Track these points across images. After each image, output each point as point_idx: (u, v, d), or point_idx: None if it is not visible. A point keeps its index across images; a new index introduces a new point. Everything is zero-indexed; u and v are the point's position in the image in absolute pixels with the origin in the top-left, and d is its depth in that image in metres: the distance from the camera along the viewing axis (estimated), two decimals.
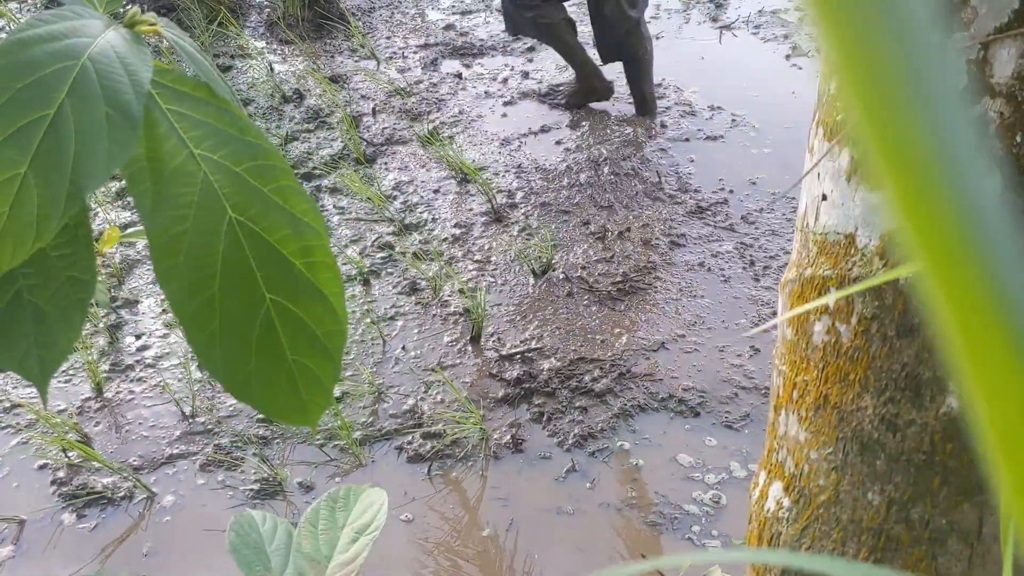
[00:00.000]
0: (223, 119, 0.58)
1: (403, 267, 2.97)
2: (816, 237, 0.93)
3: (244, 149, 0.57)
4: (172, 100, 0.57)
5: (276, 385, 0.60)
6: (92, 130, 0.49)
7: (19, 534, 2.17)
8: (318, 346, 0.60)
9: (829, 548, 0.89)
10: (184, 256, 0.56)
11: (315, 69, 4.12)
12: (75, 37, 0.51)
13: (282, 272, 0.58)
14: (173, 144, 0.55)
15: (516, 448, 2.37)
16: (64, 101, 0.49)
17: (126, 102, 0.51)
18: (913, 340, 0.84)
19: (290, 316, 0.59)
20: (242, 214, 0.57)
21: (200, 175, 0.56)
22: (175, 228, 0.56)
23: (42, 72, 0.49)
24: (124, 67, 0.52)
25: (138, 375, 2.60)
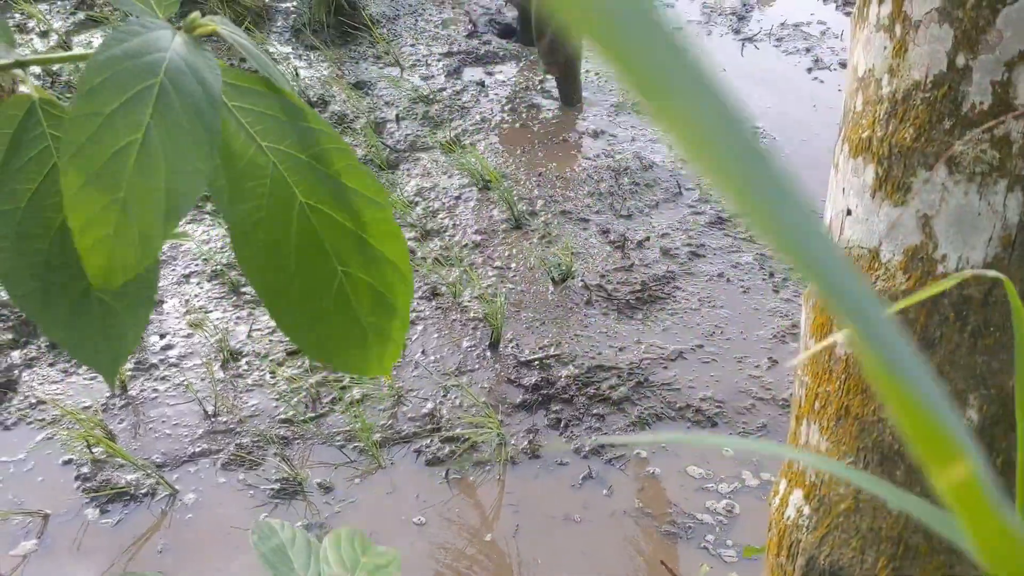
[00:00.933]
0: (284, 110, 0.62)
1: (424, 272, 3.00)
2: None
3: (306, 136, 0.61)
4: (236, 96, 0.61)
5: (350, 345, 0.65)
6: (178, 148, 0.53)
7: (43, 528, 2.21)
8: (387, 306, 0.65)
9: (848, 556, 0.91)
10: (262, 241, 0.60)
11: (339, 75, 4.16)
12: (149, 53, 0.54)
13: (351, 246, 0.63)
14: (242, 140, 0.59)
15: (533, 454, 2.39)
16: (150, 123, 0.52)
17: (203, 113, 0.54)
18: (934, 353, 0.86)
19: (360, 284, 0.64)
20: (310, 198, 0.61)
21: (270, 166, 0.60)
22: (251, 218, 0.60)
23: (128, 94, 0.52)
24: (196, 78, 0.55)
25: (162, 374, 2.63)
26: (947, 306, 0.85)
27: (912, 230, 0.87)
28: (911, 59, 0.86)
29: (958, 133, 0.84)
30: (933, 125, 0.85)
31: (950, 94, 0.84)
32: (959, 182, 0.84)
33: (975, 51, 0.82)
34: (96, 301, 0.59)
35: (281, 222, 0.62)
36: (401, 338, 0.67)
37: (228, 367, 2.65)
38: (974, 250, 0.84)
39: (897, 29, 0.88)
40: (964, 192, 0.84)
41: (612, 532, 2.18)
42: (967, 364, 0.84)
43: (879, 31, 0.90)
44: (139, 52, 0.53)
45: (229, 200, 0.60)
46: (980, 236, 0.83)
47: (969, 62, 0.83)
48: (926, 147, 0.85)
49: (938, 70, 0.84)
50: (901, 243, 0.88)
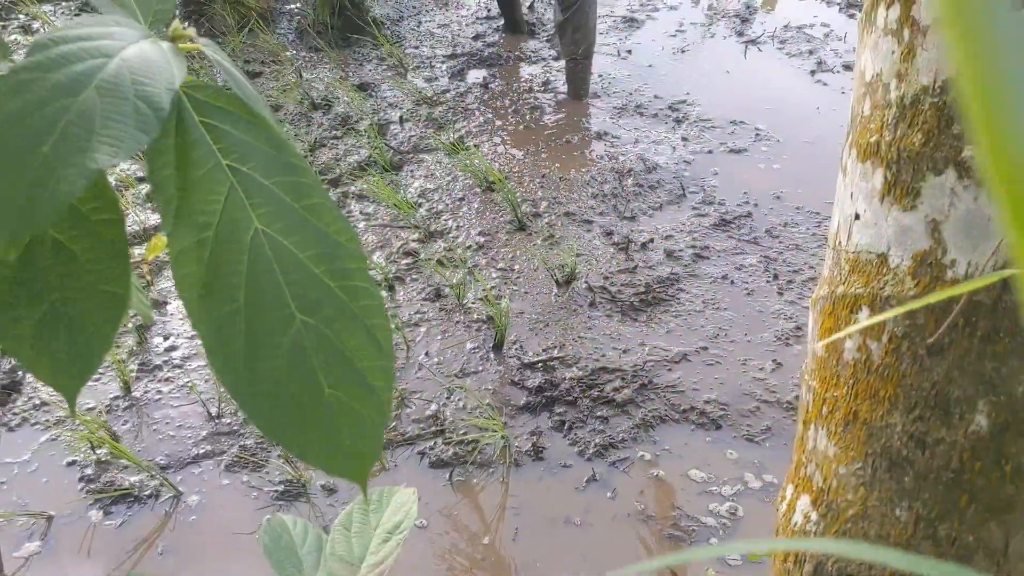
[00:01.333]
0: (257, 134, 0.57)
1: (427, 273, 2.99)
2: (848, 255, 0.94)
3: (276, 164, 0.56)
4: (205, 112, 0.57)
5: (313, 423, 0.54)
6: (118, 118, 0.50)
7: (47, 530, 2.21)
8: (360, 382, 0.55)
9: (856, 563, 0.91)
10: (205, 264, 0.54)
11: (344, 77, 4.16)
12: (109, 40, 0.53)
13: (314, 292, 0.54)
14: (202, 153, 0.55)
15: (537, 456, 2.39)
16: (91, 92, 0.50)
17: (155, 95, 0.51)
18: (943, 359, 0.85)
19: (324, 341, 0.54)
20: (269, 226, 0.55)
21: (227, 184, 0.55)
22: (197, 236, 0.54)
23: (73, 66, 0.50)
24: (156, 69, 0.53)
25: (166, 375, 2.64)
26: (956, 312, 0.84)
27: (921, 235, 0.87)
28: (920, 64, 0.86)
29: (967, 137, 0.83)
30: (942, 130, 0.85)
31: (960, 98, 0.83)
32: (968, 187, 0.83)
33: None
34: (63, 319, 0.57)
35: (231, 247, 0.54)
36: (379, 431, 0.55)
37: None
38: (984, 255, 0.83)
39: (905, 34, 0.87)
40: (974, 197, 0.83)
41: (616, 535, 2.18)
42: (976, 370, 0.84)
43: (887, 36, 0.89)
44: (99, 36, 0.52)
45: (176, 213, 0.55)
46: (990, 242, 0.83)
47: None
48: (935, 152, 0.85)
49: (947, 74, 0.84)
50: (910, 248, 0.88)
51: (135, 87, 0.52)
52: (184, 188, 0.55)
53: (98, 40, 0.53)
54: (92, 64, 0.52)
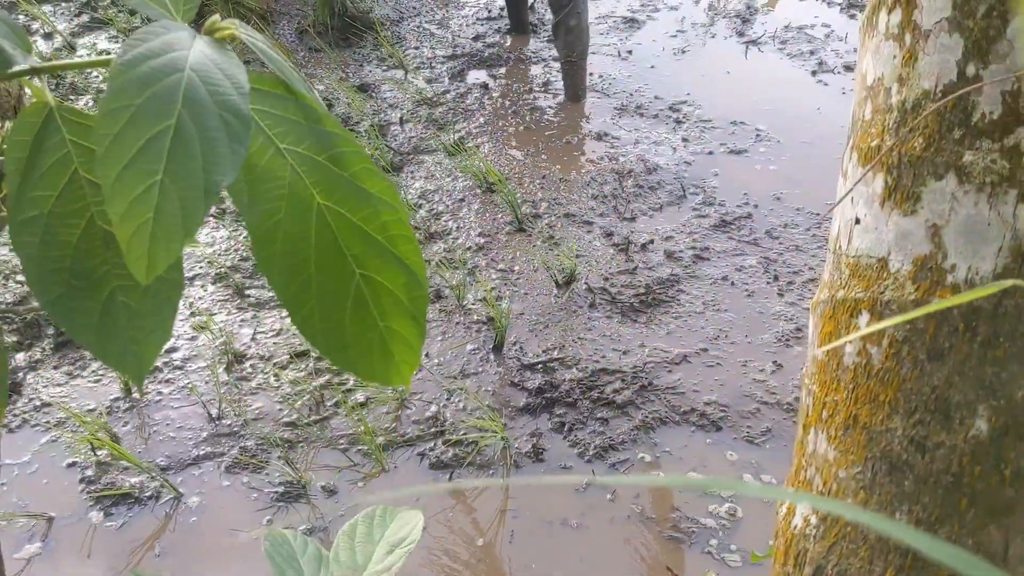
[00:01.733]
0: (302, 113, 0.63)
1: (428, 274, 2.99)
2: (849, 260, 0.94)
3: (324, 139, 0.62)
4: (255, 99, 0.61)
5: (371, 351, 0.66)
6: (211, 133, 0.53)
7: (47, 531, 2.21)
8: (404, 311, 0.66)
9: (856, 566, 0.91)
10: (281, 243, 0.61)
11: (344, 78, 4.16)
12: (172, 51, 0.55)
13: (368, 248, 0.64)
14: (261, 142, 0.60)
15: (537, 458, 2.39)
16: (181, 110, 0.53)
17: (234, 104, 0.55)
18: (943, 364, 0.85)
19: (378, 287, 0.65)
20: (328, 199, 0.62)
21: (288, 168, 0.61)
22: (271, 219, 0.61)
23: (154, 87, 0.53)
24: (222, 72, 0.56)
25: (166, 376, 2.64)
26: (957, 317, 0.84)
27: (921, 240, 0.87)
28: (921, 68, 0.86)
29: (968, 143, 0.83)
30: (943, 135, 0.85)
31: (960, 103, 0.84)
32: (969, 192, 0.84)
33: (985, 61, 0.82)
34: (122, 305, 0.61)
35: (300, 224, 0.63)
36: (419, 346, 0.67)
37: (232, 370, 2.66)
38: (984, 260, 0.83)
39: (907, 38, 0.87)
40: (974, 202, 0.83)
41: (615, 537, 2.18)
42: (977, 375, 0.84)
43: (888, 40, 0.89)
44: (162, 50, 0.54)
45: (249, 202, 0.61)
46: (990, 247, 0.83)
47: (980, 71, 0.82)
48: (936, 156, 0.85)
49: (948, 79, 0.84)
50: (910, 253, 0.88)
51: (214, 97, 0.55)
52: (251, 177, 0.62)
53: (165, 54, 0.55)
54: (171, 82, 0.54)
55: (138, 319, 0.62)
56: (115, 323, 0.61)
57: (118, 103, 0.52)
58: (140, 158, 0.52)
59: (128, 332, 0.61)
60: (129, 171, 0.52)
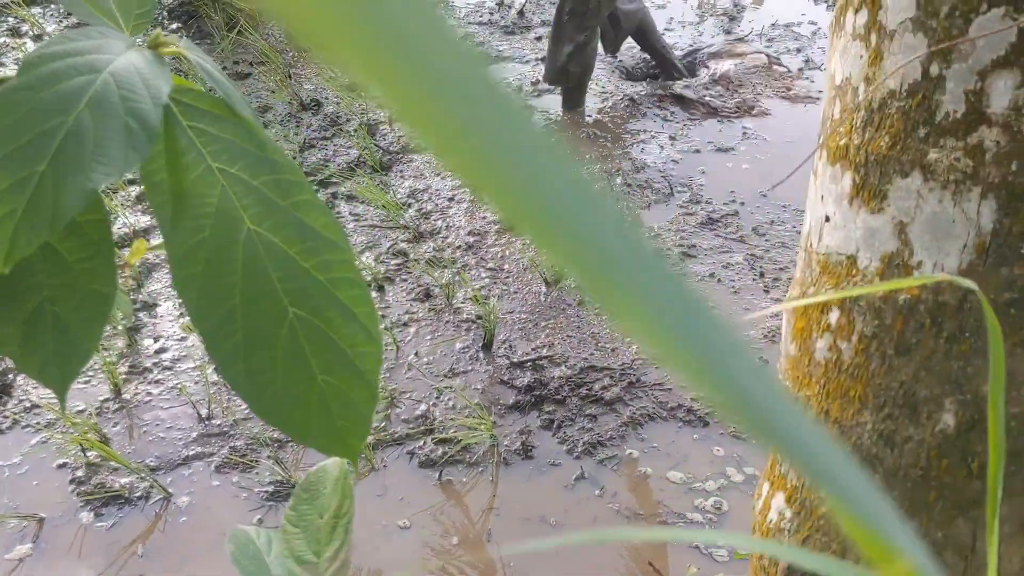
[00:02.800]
0: (241, 135, 0.59)
1: (417, 274, 3.01)
2: (819, 257, 0.96)
3: (262, 164, 0.58)
4: (192, 116, 0.59)
5: (307, 407, 0.58)
6: (110, 137, 0.52)
7: (38, 532, 2.21)
8: (350, 367, 0.58)
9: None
10: (203, 266, 0.57)
11: (333, 76, 4.17)
12: (97, 54, 0.54)
13: (304, 285, 0.58)
14: (192, 157, 0.58)
15: (526, 455, 2.40)
16: (83, 110, 0.52)
17: (144, 111, 0.53)
18: (911, 359, 0.87)
19: (315, 332, 0.58)
20: (260, 225, 0.58)
21: (218, 187, 0.57)
22: (194, 238, 0.57)
23: (64, 83, 0.52)
24: (144, 82, 0.55)
25: (156, 377, 2.64)
26: (923, 312, 0.86)
27: (888, 237, 0.88)
28: (887, 68, 0.88)
29: (932, 141, 0.85)
30: (908, 133, 0.86)
31: (924, 103, 0.85)
32: (933, 189, 0.85)
33: (948, 60, 0.83)
34: (50, 316, 0.59)
35: (226, 246, 0.58)
36: (368, 412, 0.59)
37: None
38: (949, 256, 0.85)
39: (873, 38, 0.89)
40: (939, 199, 0.85)
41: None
42: (942, 370, 0.86)
43: (855, 40, 0.91)
44: (86, 51, 0.53)
45: (172, 215, 0.58)
46: (955, 243, 0.84)
47: (943, 71, 0.84)
48: (901, 155, 0.87)
49: (913, 79, 0.86)
50: (878, 250, 0.89)
51: (125, 103, 0.54)
52: (177, 192, 0.58)
53: (87, 55, 0.54)
54: (82, 81, 0.53)
55: (65, 331, 0.59)
56: (40, 335, 0.59)
57: (23, 95, 0.52)
58: (29, 147, 0.51)
59: (53, 344, 0.59)
60: (14, 157, 0.51)
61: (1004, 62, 0.81)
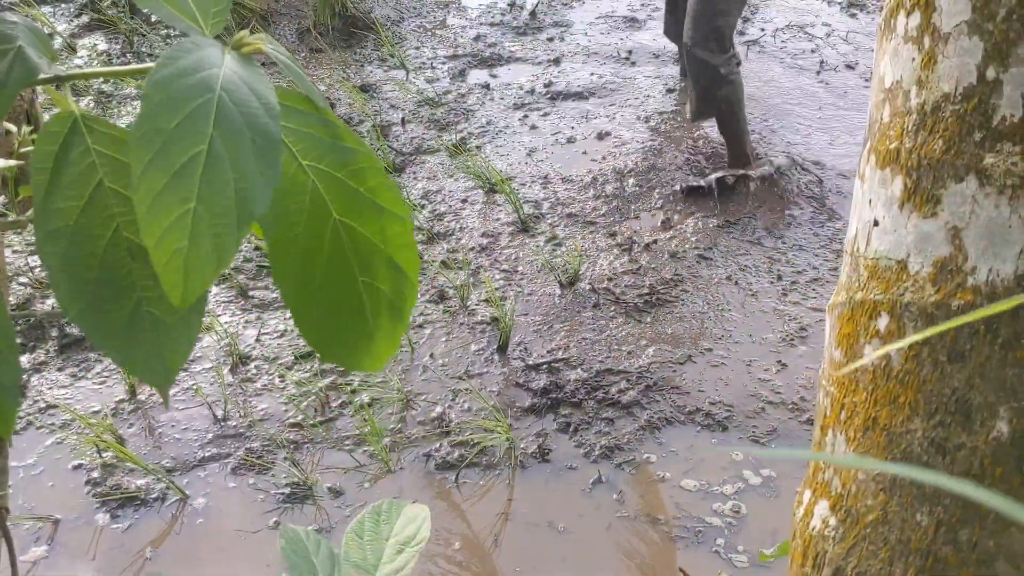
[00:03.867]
0: (324, 129, 0.63)
1: (431, 275, 3.00)
2: (867, 262, 0.95)
3: (344, 155, 0.64)
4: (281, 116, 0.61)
5: (361, 348, 0.70)
6: (242, 157, 0.54)
7: (53, 534, 2.21)
8: (396, 311, 0.69)
9: (876, 567, 0.91)
10: (297, 257, 0.63)
11: (345, 78, 4.16)
12: (203, 70, 0.55)
13: (374, 259, 0.67)
14: (285, 158, 0.60)
15: (543, 458, 2.39)
16: (213, 134, 0.53)
17: (265, 126, 0.55)
18: (964, 365, 0.86)
19: (376, 292, 0.68)
20: (344, 215, 0.65)
21: (309, 184, 0.63)
22: (290, 234, 0.62)
23: (188, 109, 0.53)
24: (252, 92, 0.56)
25: None
26: (978, 319, 0.85)
27: (941, 242, 0.87)
28: (940, 71, 0.86)
29: (989, 145, 0.84)
30: (963, 137, 0.85)
31: (980, 106, 0.84)
32: (989, 195, 0.84)
33: (1006, 64, 0.82)
34: (148, 316, 0.60)
35: (315, 238, 0.64)
36: (400, 336, 0.72)
37: (237, 371, 2.65)
38: (1005, 263, 0.84)
39: (926, 41, 0.88)
40: (995, 205, 0.84)
41: (621, 537, 2.18)
42: (997, 377, 0.84)
43: (907, 43, 0.90)
44: (194, 69, 0.54)
45: (272, 217, 0.62)
46: (1011, 249, 0.83)
47: (1000, 75, 0.83)
48: (956, 159, 0.85)
49: (968, 82, 0.84)
50: (930, 255, 0.88)
51: (245, 119, 0.56)
52: (275, 194, 0.60)
53: (195, 74, 0.55)
54: (202, 103, 0.54)
55: (164, 329, 0.62)
56: (141, 333, 0.61)
57: (152, 125, 0.52)
58: (173, 185, 0.52)
59: (153, 342, 0.61)
60: (163, 198, 0.52)
61: None
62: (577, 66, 4.28)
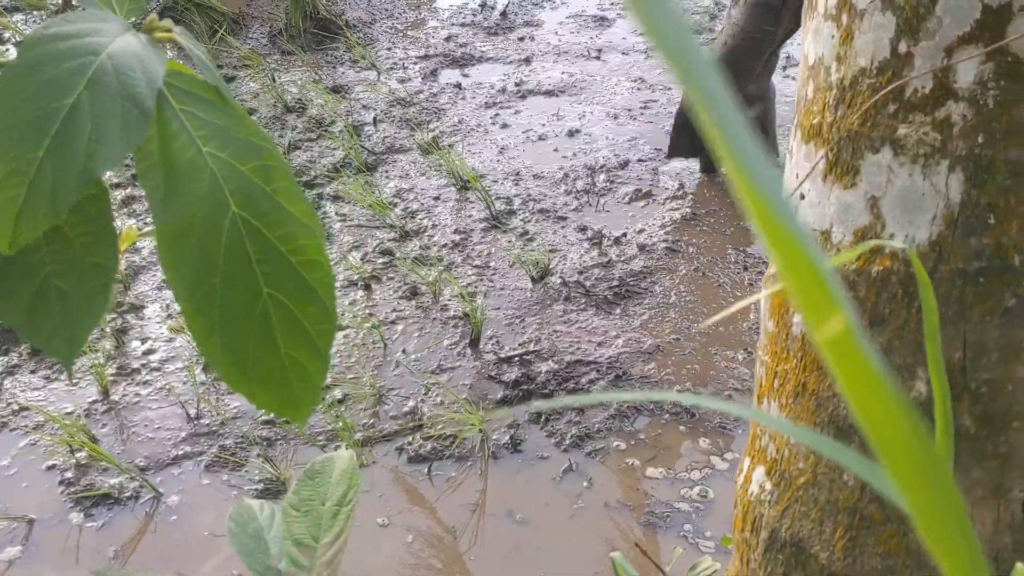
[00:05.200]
0: (230, 121, 0.62)
1: (403, 272, 3.02)
2: None
3: (249, 149, 0.61)
4: (184, 100, 0.62)
5: (270, 378, 0.63)
6: (107, 120, 0.54)
7: (28, 533, 2.21)
8: (309, 342, 0.63)
9: (808, 528, 0.95)
10: (190, 248, 0.60)
11: (317, 80, 4.18)
12: (96, 36, 0.56)
13: (279, 268, 0.61)
14: (183, 142, 0.60)
15: (515, 448, 2.42)
16: (82, 92, 0.53)
17: (140, 95, 0.55)
18: (884, 329, 0.89)
19: (285, 311, 0.62)
20: (244, 210, 0.61)
21: (207, 171, 0.60)
22: (183, 220, 0.60)
23: (63, 65, 0.53)
24: (140, 65, 0.57)
25: (144, 378, 2.65)
26: (895, 283, 0.88)
27: (861, 211, 0.90)
28: (857, 47, 0.90)
29: (902, 117, 0.87)
30: (878, 110, 0.89)
31: (894, 79, 0.87)
32: (904, 164, 0.87)
33: (916, 38, 0.86)
34: (55, 290, 0.61)
35: (212, 229, 0.61)
36: (320, 383, 0.65)
37: (210, 370, 2.67)
38: (919, 229, 0.87)
39: (844, 18, 0.91)
40: (909, 173, 0.87)
41: (591, 524, 2.21)
42: (915, 339, 0.88)
43: (827, 20, 0.93)
44: (85, 33, 0.55)
45: (163, 199, 0.60)
46: (925, 215, 0.87)
47: (911, 48, 0.86)
48: (872, 131, 0.89)
49: (882, 57, 0.88)
50: (851, 224, 0.91)
51: (122, 85, 0.55)
52: (169, 175, 0.60)
53: (85, 37, 0.56)
54: (81, 62, 0.55)
55: (70, 303, 0.61)
56: (46, 308, 0.61)
57: (22, 74, 0.53)
58: (27, 131, 0.52)
59: (59, 316, 0.61)
60: (13, 142, 0.52)
61: (970, 38, 0.84)
62: (548, 65, 4.31)
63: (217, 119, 0.61)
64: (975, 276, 0.86)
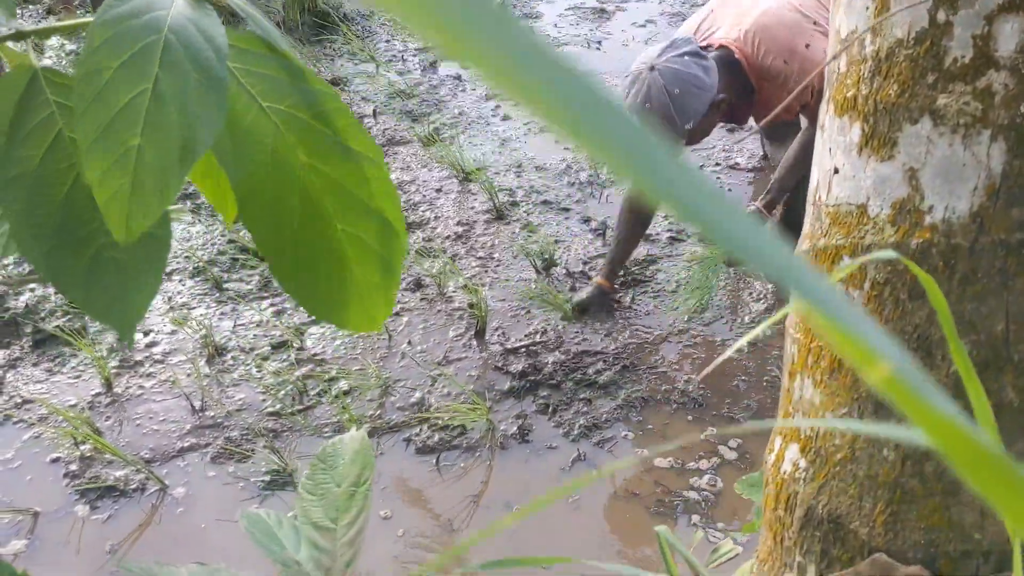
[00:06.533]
0: (284, 71, 0.62)
1: (407, 264, 3.00)
2: (828, 209, 0.97)
3: (307, 97, 0.62)
4: (237, 58, 0.61)
5: (349, 303, 0.67)
6: (188, 95, 0.53)
7: (33, 526, 2.19)
8: (383, 264, 0.67)
9: (846, 504, 0.93)
10: (266, 202, 0.61)
11: (315, 72, 4.16)
12: (151, 12, 0.55)
13: (350, 205, 0.64)
14: (245, 101, 0.60)
15: (523, 439, 2.41)
16: (159, 73, 0.53)
17: (211, 66, 0.55)
18: (924, 302, 0.88)
19: (359, 243, 0.66)
20: (312, 157, 0.62)
21: (272, 127, 0.61)
22: (255, 178, 0.61)
23: (134, 48, 0.53)
24: (201, 32, 0.56)
25: (147, 371, 2.63)
26: (935, 256, 0.87)
27: (899, 183, 0.89)
28: (893, 18, 0.89)
29: (941, 87, 0.86)
30: (916, 80, 0.87)
31: (932, 49, 0.86)
32: (943, 134, 0.86)
33: (955, 6, 0.85)
34: (110, 261, 0.60)
35: (284, 181, 0.63)
36: (393, 295, 0.68)
37: (214, 362, 2.65)
38: (960, 200, 0.86)
39: None
40: (949, 144, 0.86)
41: (603, 513, 2.20)
42: (956, 311, 0.87)
43: None
44: (141, 11, 0.54)
45: (234, 161, 0.61)
46: (965, 186, 0.86)
47: (950, 17, 0.85)
48: (910, 102, 0.88)
49: (920, 27, 0.87)
50: (889, 197, 0.90)
51: (191, 59, 0.55)
52: (235, 138, 0.61)
53: (144, 15, 0.55)
54: (149, 43, 0.54)
55: (126, 274, 0.62)
56: (102, 279, 0.61)
57: (96, 65, 0.53)
58: (117, 122, 0.52)
59: (115, 287, 0.62)
60: (106, 135, 0.52)
61: (1010, 6, 0.83)
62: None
63: (271, 71, 0.61)
64: (1017, 247, 0.85)
